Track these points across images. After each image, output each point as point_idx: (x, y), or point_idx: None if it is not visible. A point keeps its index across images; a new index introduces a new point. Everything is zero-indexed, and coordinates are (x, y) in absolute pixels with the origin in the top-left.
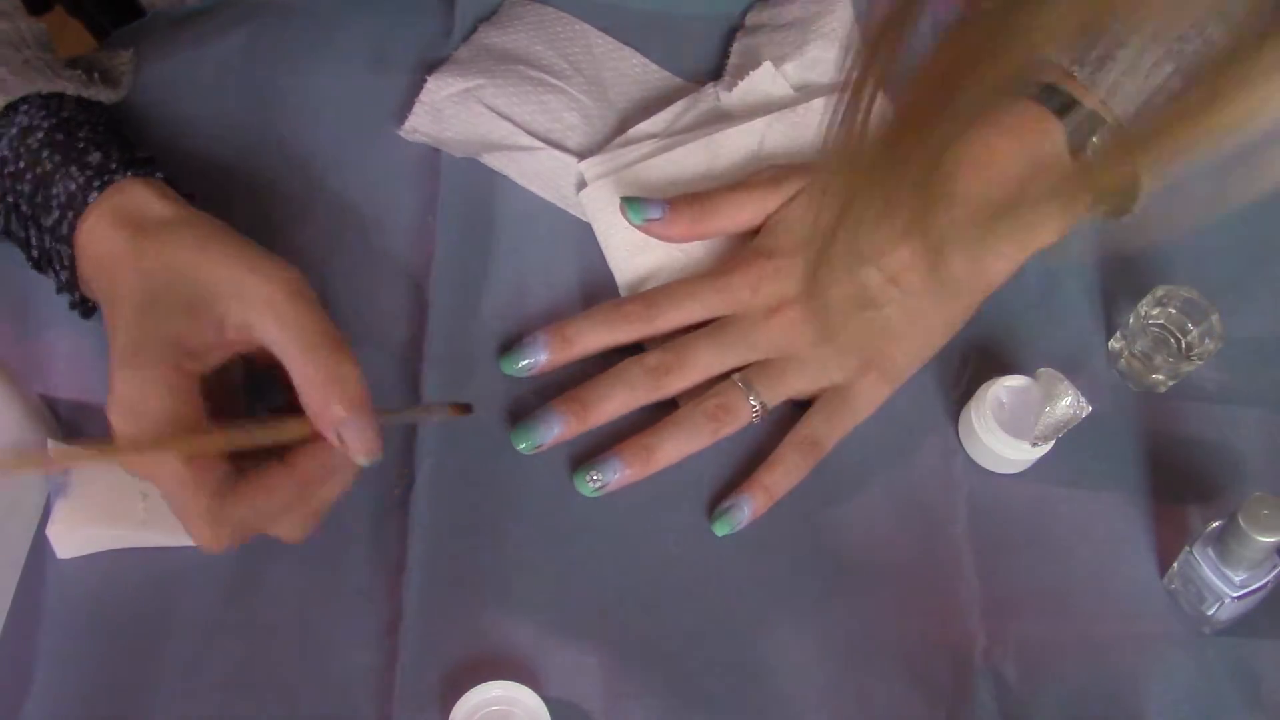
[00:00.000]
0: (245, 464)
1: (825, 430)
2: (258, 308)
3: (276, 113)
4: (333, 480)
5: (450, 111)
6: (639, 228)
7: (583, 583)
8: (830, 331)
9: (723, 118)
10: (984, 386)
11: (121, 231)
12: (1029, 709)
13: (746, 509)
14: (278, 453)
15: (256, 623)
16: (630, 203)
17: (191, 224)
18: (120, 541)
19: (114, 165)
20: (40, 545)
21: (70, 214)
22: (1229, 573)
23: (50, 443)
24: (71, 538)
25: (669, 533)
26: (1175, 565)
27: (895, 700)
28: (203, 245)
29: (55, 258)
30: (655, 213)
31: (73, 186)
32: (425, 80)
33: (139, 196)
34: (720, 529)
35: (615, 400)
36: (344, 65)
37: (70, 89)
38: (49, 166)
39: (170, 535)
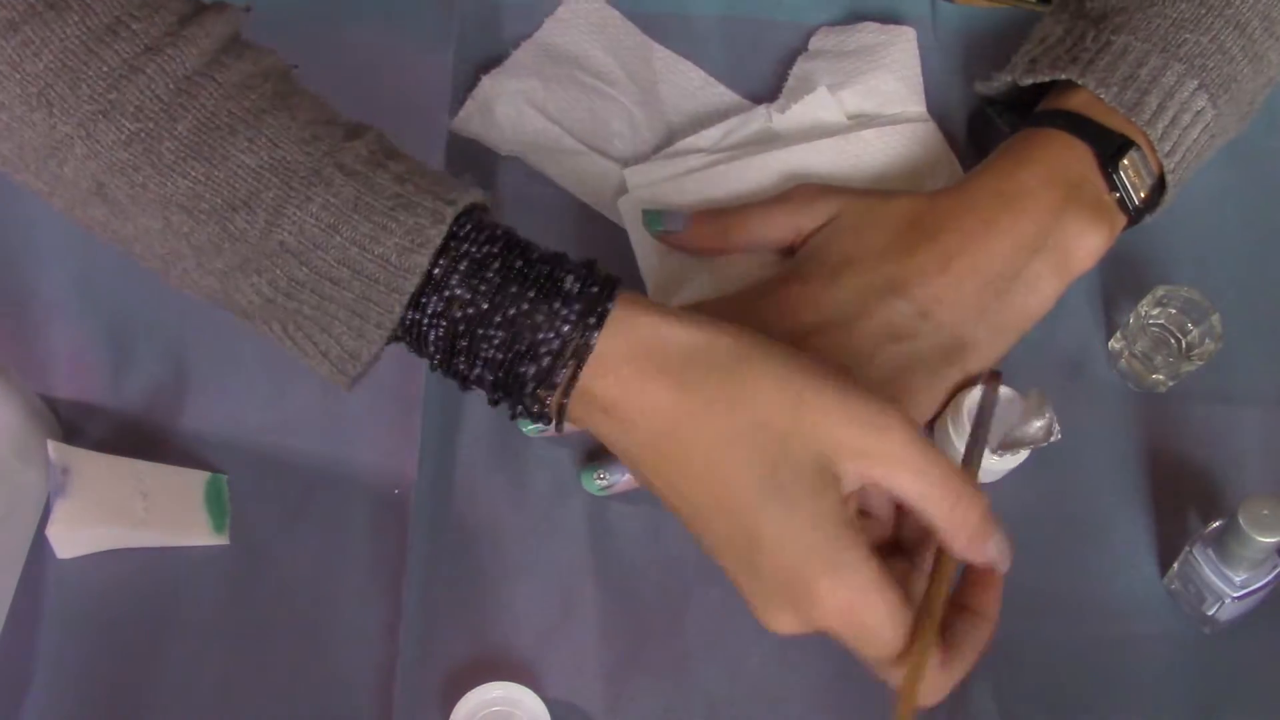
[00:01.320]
0: None
1: None
2: (890, 466)
3: None
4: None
5: (500, 110)
6: (657, 237)
7: (583, 583)
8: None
9: (772, 139)
10: (962, 394)
11: (649, 382)
12: (1029, 709)
13: None
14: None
15: (256, 623)
16: (650, 214)
17: (739, 358)
18: (120, 541)
19: (595, 289)
20: (40, 545)
21: (568, 362)
22: (1229, 573)
23: (50, 443)
24: (72, 537)
25: (669, 534)
26: (1175, 565)
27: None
28: (797, 399)
29: (529, 399)
30: (675, 224)
31: (565, 329)
32: (479, 79)
33: (640, 324)
34: None
35: None
36: (344, 67)
37: (479, 196)
38: (524, 306)
39: (170, 535)
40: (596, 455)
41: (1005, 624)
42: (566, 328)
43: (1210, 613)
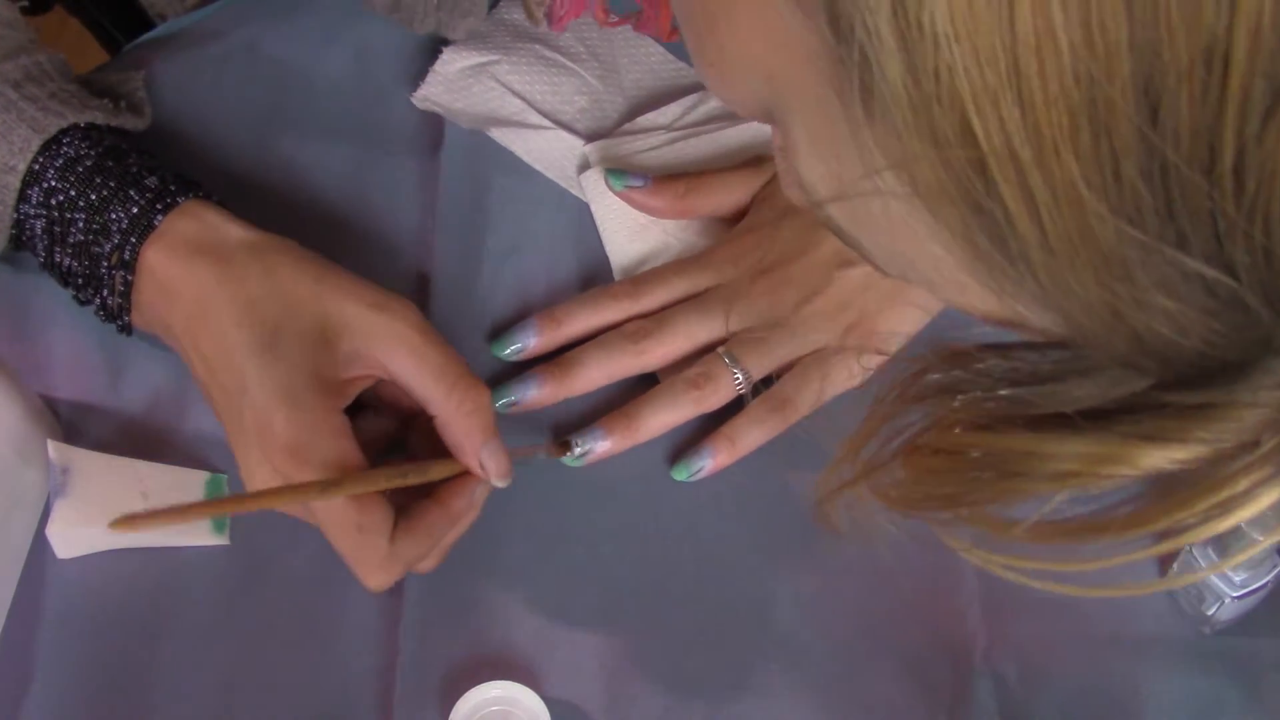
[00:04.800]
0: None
1: (795, 387)
2: (390, 345)
3: (278, 111)
4: (470, 513)
5: (463, 83)
6: (619, 194)
7: (583, 583)
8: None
9: (730, 115)
10: None
11: (201, 257)
12: (1029, 709)
13: (708, 458)
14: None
15: (256, 622)
16: (613, 172)
17: (282, 250)
18: (120, 541)
19: (173, 187)
20: (40, 545)
21: (133, 238)
22: (1229, 572)
23: (50, 443)
24: (72, 537)
25: (669, 534)
26: (1175, 565)
27: (896, 701)
28: (316, 277)
29: (106, 284)
30: (637, 182)
31: (134, 210)
32: (440, 51)
33: (207, 219)
34: (678, 474)
35: (595, 366)
36: (345, 66)
37: (101, 118)
38: (105, 193)
39: (170, 536)
40: (568, 429)
41: (1006, 623)
42: (135, 209)
43: (1210, 612)
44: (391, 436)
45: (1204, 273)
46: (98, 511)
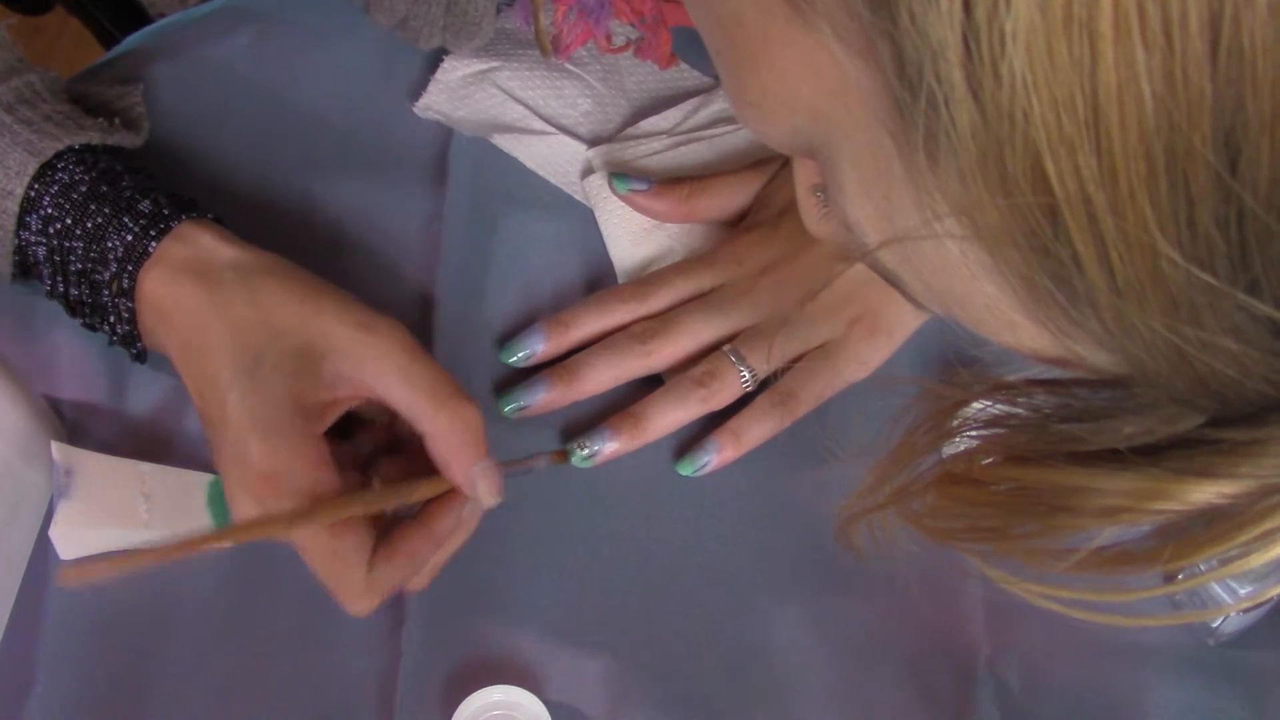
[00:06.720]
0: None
1: (800, 382)
2: (377, 366)
3: (282, 114)
4: (459, 533)
5: (464, 91)
6: (623, 198)
7: (585, 587)
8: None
9: (732, 119)
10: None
11: (193, 282)
12: (1032, 717)
13: (712, 453)
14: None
15: (258, 625)
16: (617, 176)
17: (271, 271)
18: (123, 543)
19: (166, 211)
20: (43, 546)
21: (130, 266)
22: (1234, 585)
23: (54, 444)
24: (74, 539)
25: (673, 539)
26: (1180, 576)
27: (899, 707)
28: (301, 299)
29: (111, 311)
30: (641, 185)
31: (129, 238)
32: (441, 60)
33: (201, 241)
34: (683, 469)
35: (603, 368)
36: (350, 67)
37: (96, 138)
38: (100, 220)
39: (173, 537)
40: (576, 432)
41: (1009, 631)
42: (130, 237)
43: (1215, 625)
44: (388, 442)
45: (1275, 317)
46: (101, 513)
